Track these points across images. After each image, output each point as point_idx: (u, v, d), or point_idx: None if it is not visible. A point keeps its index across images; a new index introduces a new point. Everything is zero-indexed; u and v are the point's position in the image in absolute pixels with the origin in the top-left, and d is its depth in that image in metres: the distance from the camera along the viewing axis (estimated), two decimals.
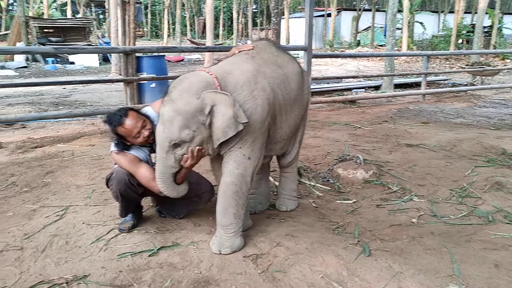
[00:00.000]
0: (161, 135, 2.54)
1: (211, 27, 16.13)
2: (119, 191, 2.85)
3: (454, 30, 22.26)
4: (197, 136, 2.54)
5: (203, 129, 2.54)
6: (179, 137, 2.50)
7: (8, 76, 14.82)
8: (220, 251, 2.67)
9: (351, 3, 49.66)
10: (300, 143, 3.37)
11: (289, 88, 2.91)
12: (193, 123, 2.50)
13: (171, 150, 2.56)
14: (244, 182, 2.70)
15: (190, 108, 2.48)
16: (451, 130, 6.35)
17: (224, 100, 2.50)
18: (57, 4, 36.00)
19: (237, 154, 2.66)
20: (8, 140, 5.66)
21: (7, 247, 2.77)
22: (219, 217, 2.74)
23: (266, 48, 2.99)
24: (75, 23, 22.39)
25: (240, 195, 2.71)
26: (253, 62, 2.81)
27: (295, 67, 3.06)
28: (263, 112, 2.66)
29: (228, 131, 2.52)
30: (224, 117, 2.50)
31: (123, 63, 6.47)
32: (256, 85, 2.67)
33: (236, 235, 2.73)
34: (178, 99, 2.50)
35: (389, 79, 10.72)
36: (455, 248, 2.74)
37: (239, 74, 2.68)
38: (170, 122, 2.49)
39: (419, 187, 3.91)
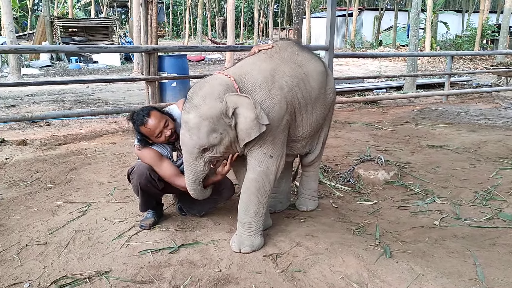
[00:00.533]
0: (189, 142, 2.56)
1: (232, 26, 16.19)
2: (139, 185, 2.87)
3: (479, 30, 21.86)
4: (225, 138, 2.58)
5: (230, 130, 2.57)
6: (208, 141, 2.54)
7: (33, 74, 15.13)
8: (240, 250, 2.68)
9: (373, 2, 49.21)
10: (324, 143, 3.34)
11: (309, 87, 2.88)
12: (220, 126, 2.53)
13: (200, 155, 2.59)
14: (267, 180, 2.71)
15: (215, 112, 2.50)
16: (475, 131, 6.23)
17: (246, 102, 2.51)
18: (81, 4, 36.55)
19: (258, 152, 2.68)
20: (33, 137, 5.77)
21: (31, 242, 2.82)
22: (240, 215, 2.76)
23: (286, 47, 2.97)
24: (98, 22, 22.73)
25: (262, 193, 2.71)
26: (271, 61, 2.82)
27: (317, 66, 3.01)
28: (280, 111, 2.67)
29: (252, 133, 2.55)
30: (246, 120, 2.52)
31: (145, 62, 6.53)
32: (274, 84, 2.68)
33: (256, 234, 2.73)
34: (202, 105, 2.51)
35: (411, 80, 10.59)
36: (479, 251, 2.69)
37: (256, 74, 2.69)
38: (197, 128, 2.51)
39: (442, 189, 3.85)
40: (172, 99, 7.53)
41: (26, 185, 3.93)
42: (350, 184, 4.00)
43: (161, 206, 3.18)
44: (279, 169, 2.77)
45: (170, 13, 47.75)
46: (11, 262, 2.58)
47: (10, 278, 2.41)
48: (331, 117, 3.33)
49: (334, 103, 3.25)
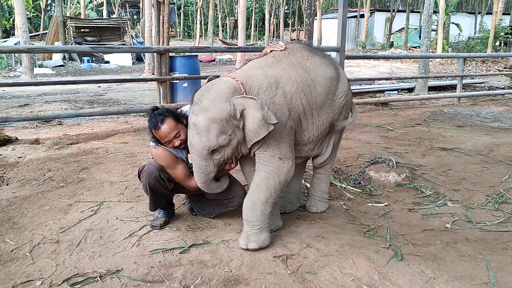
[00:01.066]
0: (199, 144, 2.59)
1: (243, 27, 16.22)
2: (148, 184, 2.89)
3: (492, 32, 21.63)
4: (233, 139, 2.62)
5: (238, 131, 2.62)
6: (218, 143, 2.57)
7: (45, 74, 15.29)
8: (247, 246, 2.71)
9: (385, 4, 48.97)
10: (336, 146, 3.31)
11: (315, 93, 2.88)
12: (228, 128, 2.58)
13: (209, 156, 2.62)
14: (278, 179, 2.73)
15: (224, 114, 2.54)
16: (487, 134, 6.18)
17: (253, 104, 2.56)
18: (93, 5, 36.85)
19: (265, 155, 2.73)
20: (45, 136, 5.83)
21: (44, 240, 2.85)
22: (246, 212, 2.77)
23: (296, 52, 2.98)
24: (110, 23, 22.93)
25: (272, 192, 2.73)
26: (278, 66, 2.84)
27: (327, 72, 2.97)
28: (283, 117, 2.70)
29: (260, 132, 2.59)
30: (254, 120, 2.57)
31: (156, 62, 6.56)
32: (277, 90, 2.71)
33: (262, 231, 2.75)
34: (211, 108, 2.55)
35: (423, 81, 10.52)
36: (491, 255, 2.66)
37: (262, 78, 2.72)
38: (206, 131, 2.54)
39: (453, 192, 3.82)
40: (183, 99, 7.56)
41: (38, 183, 3.97)
42: (361, 186, 3.99)
43: (172, 206, 3.20)
44: (290, 171, 2.78)
45: (181, 14, 47.96)
46: (24, 260, 2.61)
47: (22, 275, 2.44)
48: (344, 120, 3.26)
49: (346, 107, 3.16)
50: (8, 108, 8.17)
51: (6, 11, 34.65)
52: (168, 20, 7.00)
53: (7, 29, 32.96)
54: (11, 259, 2.63)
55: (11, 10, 33.08)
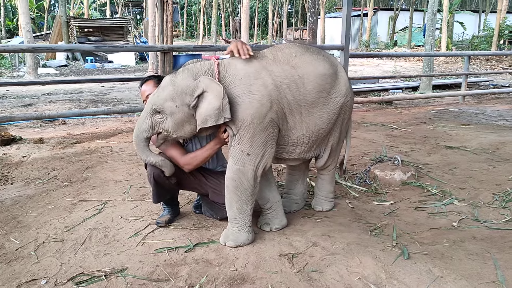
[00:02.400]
0: (150, 97, 2.72)
1: (246, 27, 16.22)
2: (153, 174, 2.87)
3: (496, 30, 21.56)
4: (178, 114, 2.63)
5: (186, 109, 2.63)
6: (161, 105, 2.63)
7: (49, 74, 15.31)
8: (225, 243, 2.74)
9: (388, 2, 48.86)
10: (336, 147, 3.20)
11: (303, 89, 2.79)
12: (179, 99, 2.61)
13: (150, 114, 2.67)
14: (245, 178, 2.68)
15: (183, 85, 2.61)
16: (493, 132, 6.14)
17: (216, 90, 2.56)
18: (96, 5, 36.94)
19: (235, 149, 2.68)
20: (49, 135, 5.83)
21: (48, 239, 2.84)
22: (226, 210, 2.81)
23: (284, 49, 2.90)
24: (113, 23, 22.96)
25: (242, 191, 2.70)
26: (261, 59, 2.79)
27: (318, 69, 2.86)
28: (261, 108, 2.62)
29: (208, 120, 2.58)
30: (209, 106, 2.56)
31: (160, 61, 6.55)
32: (256, 80, 2.66)
33: (241, 230, 2.75)
34: (179, 74, 2.66)
35: (427, 80, 10.48)
36: (499, 253, 2.64)
37: (240, 68, 2.70)
38: (162, 89, 2.65)
39: (459, 190, 3.79)
40: None
41: (43, 182, 3.97)
42: (366, 184, 3.96)
43: (177, 204, 3.18)
44: (259, 167, 2.71)
45: (184, 13, 47.99)
46: (29, 259, 2.60)
47: (27, 274, 2.43)
48: (345, 122, 3.14)
49: (346, 108, 3.05)
50: (12, 108, 8.20)
51: (10, 11, 34.78)
52: (171, 19, 7.00)
53: (11, 29, 33.07)
54: (16, 258, 2.62)
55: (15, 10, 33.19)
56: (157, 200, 3.04)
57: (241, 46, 2.76)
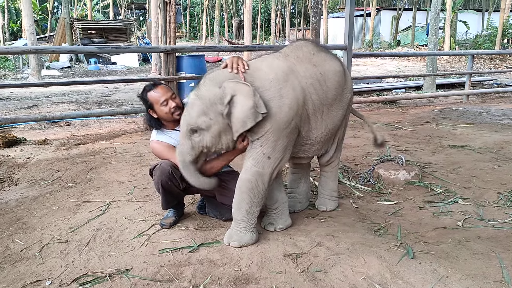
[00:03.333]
0: (182, 119, 2.63)
1: (249, 27, 16.21)
2: (160, 182, 2.87)
3: (500, 29, 21.47)
4: (213, 126, 2.55)
5: (221, 119, 2.54)
6: (196, 123, 2.55)
7: (53, 75, 15.37)
8: (229, 243, 2.73)
9: (391, 2, 48.77)
10: (341, 142, 3.28)
11: (325, 87, 2.81)
12: (211, 111, 2.53)
13: (188, 135, 2.60)
14: (261, 180, 2.67)
15: (211, 95, 2.52)
16: (497, 131, 6.11)
17: (245, 90, 2.49)
18: (99, 6, 37.02)
19: (257, 151, 2.64)
20: (53, 137, 5.85)
21: (53, 240, 2.85)
22: (233, 211, 2.77)
23: (302, 47, 2.90)
24: (116, 24, 23.03)
25: (255, 193, 2.69)
26: (286, 60, 2.76)
27: (334, 66, 2.92)
28: (290, 112, 2.61)
29: (247, 122, 2.50)
30: (243, 108, 2.48)
31: (163, 62, 6.56)
32: (286, 83, 2.62)
33: (246, 230, 2.73)
34: (202, 86, 2.59)
35: (431, 79, 10.45)
36: (504, 253, 2.62)
37: (268, 71, 2.66)
38: (191, 106, 2.57)
39: (464, 190, 3.78)
40: None
41: (47, 184, 3.98)
42: (370, 184, 3.95)
43: (182, 206, 3.18)
44: (275, 171, 2.71)
45: (187, 14, 48.04)
46: (33, 260, 2.61)
47: (32, 275, 2.44)
48: (348, 117, 3.24)
49: (351, 103, 3.15)
50: (16, 110, 8.22)
51: (14, 13, 34.93)
52: (174, 20, 7.01)
53: (15, 31, 33.20)
54: (20, 259, 2.62)
55: (19, 12, 33.34)
56: (166, 207, 3.05)
57: (236, 61, 2.69)
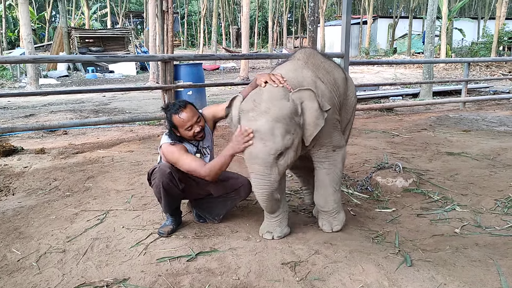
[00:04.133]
0: (264, 150, 2.48)
1: (246, 35, 16.27)
2: (162, 184, 2.87)
3: (495, 37, 21.62)
4: (296, 139, 2.58)
5: (299, 129, 2.60)
6: (284, 144, 2.49)
7: (50, 84, 15.38)
8: (332, 230, 3.03)
9: (387, 10, 49.07)
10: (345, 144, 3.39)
11: (338, 92, 2.98)
12: (292, 126, 2.53)
13: (275, 162, 2.52)
14: (337, 169, 2.95)
15: (287, 112, 2.51)
16: (494, 138, 6.14)
17: (309, 94, 2.61)
18: (97, 15, 37.13)
19: (320, 153, 2.89)
20: (50, 146, 5.84)
21: (50, 249, 2.84)
22: (320, 204, 3.01)
23: (313, 55, 3.03)
24: (114, 33, 23.10)
25: (337, 181, 2.97)
26: (308, 68, 2.86)
27: (340, 73, 3.11)
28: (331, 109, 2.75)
29: (319, 122, 2.63)
30: (312, 111, 2.60)
31: (161, 70, 6.58)
32: (317, 90, 2.71)
33: (339, 213, 3.04)
34: (271, 108, 2.49)
35: (428, 87, 10.50)
36: (502, 260, 2.63)
37: (301, 81, 2.74)
38: (271, 133, 2.46)
39: (461, 197, 3.78)
40: None
41: (44, 193, 3.97)
42: (368, 191, 3.96)
43: (179, 214, 3.18)
44: (344, 157, 2.99)
45: (185, 23, 48.21)
46: (30, 270, 2.59)
47: (29, 285, 2.42)
48: (353, 120, 3.39)
49: (355, 107, 3.32)
50: (13, 119, 8.22)
51: (11, 22, 34.96)
52: (172, 29, 7.03)
53: (12, 40, 33.23)
54: (17, 269, 2.61)
55: (16, 22, 33.37)
56: (168, 210, 3.05)
57: (270, 77, 2.68)
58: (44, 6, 39.08)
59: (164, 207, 3.03)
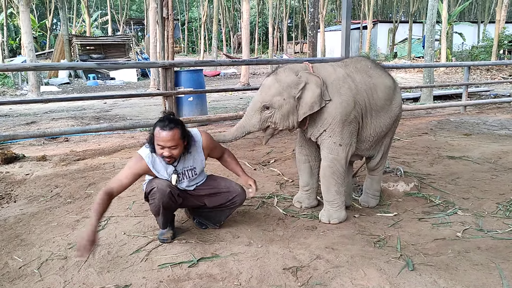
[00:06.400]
0: (257, 97, 3.16)
1: (247, 41, 16.31)
2: (162, 204, 2.87)
3: (496, 40, 21.64)
4: (285, 106, 3.08)
5: (292, 101, 3.09)
6: (271, 101, 3.07)
7: (52, 92, 15.41)
8: (329, 221, 3.30)
9: (387, 15, 49.19)
10: (387, 151, 3.70)
11: (376, 96, 3.28)
12: (286, 92, 3.07)
13: (259, 110, 3.12)
14: (339, 164, 3.22)
15: (288, 80, 3.09)
16: (495, 142, 6.13)
17: (316, 80, 3.08)
18: (98, 23, 37.26)
19: (328, 142, 3.19)
20: (52, 153, 5.84)
21: (52, 256, 2.84)
22: (324, 195, 3.34)
23: (361, 61, 3.41)
24: (115, 40, 23.18)
25: (338, 175, 3.24)
26: (346, 68, 3.30)
27: (386, 81, 3.37)
28: (347, 107, 3.13)
29: (314, 106, 3.08)
30: (313, 93, 3.06)
31: (162, 77, 6.59)
32: (344, 84, 3.16)
33: (340, 208, 3.32)
34: (281, 73, 3.14)
35: (428, 91, 10.51)
36: (504, 263, 2.62)
37: (331, 73, 3.21)
38: (268, 87, 3.11)
39: (463, 201, 3.78)
40: (188, 113, 7.59)
41: (46, 200, 3.97)
42: None
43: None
44: (348, 154, 3.25)
45: (185, 29, 48.34)
46: (32, 277, 2.59)
47: None
48: (395, 128, 3.65)
49: (399, 116, 3.57)
50: (15, 126, 8.24)
51: (13, 31, 35.13)
52: (172, 35, 7.05)
53: (14, 48, 33.35)
54: (19, 276, 2.61)
55: (17, 30, 33.55)
56: (166, 225, 3.03)
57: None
58: (45, 14, 39.23)
59: (161, 224, 3.01)
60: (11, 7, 30.13)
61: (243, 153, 5.51)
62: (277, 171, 4.68)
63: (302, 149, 3.56)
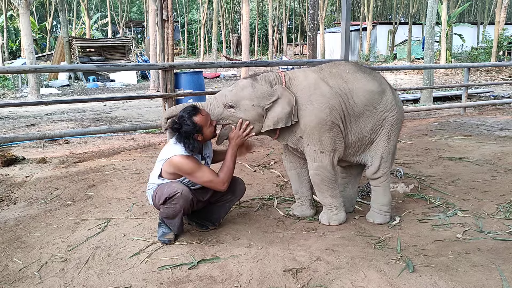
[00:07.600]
0: (227, 92, 3.10)
1: (246, 43, 16.33)
2: (183, 210, 2.89)
3: (495, 42, 21.64)
4: (251, 112, 3.04)
5: (260, 110, 3.05)
6: (238, 101, 3.04)
7: (52, 94, 15.42)
8: (329, 223, 3.31)
9: (387, 17, 49.23)
10: (388, 159, 3.33)
11: (352, 101, 3.15)
12: (256, 100, 3.04)
13: (224, 105, 3.05)
14: (326, 170, 3.17)
15: (262, 90, 3.06)
16: (495, 143, 6.13)
17: (289, 99, 3.03)
18: (98, 25, 37.31)
19: (309, 150, 3.15)
20: (52, 155, 5.84)
21: (52, 259, 2.84)
22: (320, 200, 3.37)
23: (338, 65, 3.29)
24: (115, 42, 23.17)
25: (327, 181, 3.21)
26: (319, 73, 3.22)
27: (368, 86, 3.19)
28: (321, 114, 3.05)
29: (280, 122, 3.05)
30: (282, 110, 3.02)
31: (161, 79, 6.59)
32: (316, 90, 3.09)
33: (339, 210, 3.32)
34: (259, 81, 3.10)
35: (428, 92, 10.52)
36: (504, 265, 2.62)
37: (302, 80, 3.15)
38: (241, 88, 3.07)
39: (463, 202, 3.78)
40: None
41: (46, 202, 3.97)
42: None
43: None
44: (334, 160, 3.18)
45: (185, 31, 48.37)
46: (32, 279, 2.59)
47: None
48: (391, 134, 3.30)
49: (391, 121, 3.28)
50: (15, 128, 8.24)
51: (13, 33, 35.13)
52: (172, 37, 7.05)
53: (14, 50, 33.36)
54: (19, 278, 2.61)
55: (17, 32, 33.57)
56: (181, 229, 3.06)
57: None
58: (45, 16, 39.32)
59: (177, 228, 3.00)
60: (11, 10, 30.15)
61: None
62: (277, 173, 4.69)
63: (286, 156, 3.49)
